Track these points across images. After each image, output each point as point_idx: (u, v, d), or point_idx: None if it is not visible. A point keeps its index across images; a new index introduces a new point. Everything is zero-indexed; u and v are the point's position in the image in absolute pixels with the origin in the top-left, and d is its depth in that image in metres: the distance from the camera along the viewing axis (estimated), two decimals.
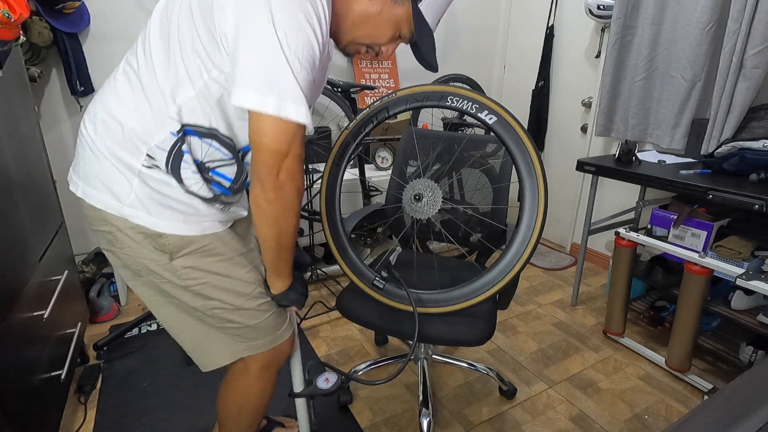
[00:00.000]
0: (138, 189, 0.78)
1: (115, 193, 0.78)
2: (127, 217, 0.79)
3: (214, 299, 0.88)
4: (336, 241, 1.27)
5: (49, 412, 1.26)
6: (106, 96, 0.80)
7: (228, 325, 0.91)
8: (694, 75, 1.90)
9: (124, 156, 0.77)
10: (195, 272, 0.84)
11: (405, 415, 1.51)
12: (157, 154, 0.77)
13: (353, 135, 1.24)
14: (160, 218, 0.80)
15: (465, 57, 2.99)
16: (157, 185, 0.79)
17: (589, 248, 2.65)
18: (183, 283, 0.85)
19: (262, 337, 0.95)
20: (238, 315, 0.90)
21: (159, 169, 0.78)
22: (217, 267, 0.86)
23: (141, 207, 0.79)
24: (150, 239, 0.81)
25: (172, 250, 0.82)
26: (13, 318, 1.09)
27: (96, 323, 2.00)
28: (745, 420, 0.55)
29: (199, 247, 0.83)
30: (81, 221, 0.84)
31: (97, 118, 0.79)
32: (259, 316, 0.93)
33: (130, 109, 0.77)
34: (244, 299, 0.90)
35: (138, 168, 0.77)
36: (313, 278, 2.39)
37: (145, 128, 0.76)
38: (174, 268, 0.83)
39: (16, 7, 1.24)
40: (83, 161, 0.81)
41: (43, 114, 1.97)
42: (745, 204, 1.43)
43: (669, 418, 1.53)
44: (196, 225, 0.83)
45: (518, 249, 1.10)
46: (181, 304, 0.89)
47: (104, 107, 0.79)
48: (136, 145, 0.77)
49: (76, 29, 1.88)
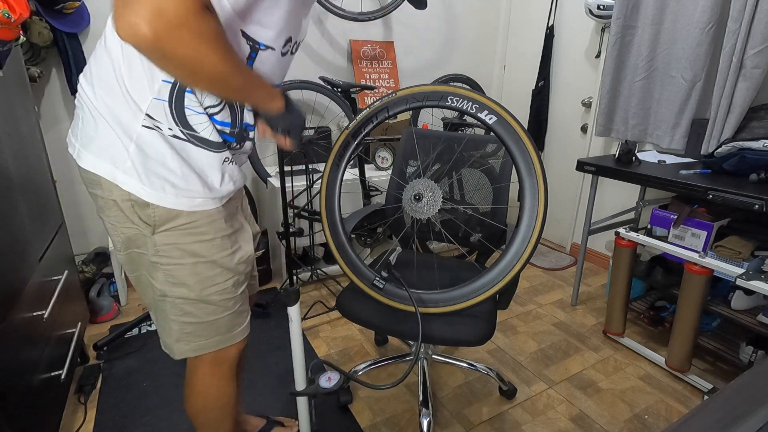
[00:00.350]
0: (134, 155, 0.76)
1: (111, 157, 0.77)
2: (119, 183, 0.77)
3: (182, 285, 0.86)
4: (336, 241, 1.27)
5: (49, 412, 1.26)
6: (99, 54, 0.77)
7: (183, 318, 0.89)
8: (694, 75, 1.90)
9: (123, 116, 0.75)
10: (174, 251, 0.83)
11: (405, 415, 1.51)
12: (158, 109, 0.75)
13: (353, 135, 1.24)
14: (152, 188, 0.78)
15: (465, 57, 2.99)
16: (153, 152, 0.77)
17: (589, 248, 2.66)
18: (158, 259, 0.83)
19: (213, 335, 0.93)
20: (197, 308, 0.89)
21: (159, 133, 0.76)
22: (198, 248, 0.84)
23: (134, 174, 0.77)
24: (137, 207, 0.79)
25: (156, 222, 0.80)
26: (13, 318, 1.09)
27: (96, 323, 2.00)
28: (745, 420, 0.55)
29: (184, 223, 0.82)
30: (81, 221, 0.84)
31: (94, 77, 0.77)
32: (218, 312, 0.91)
33: (122, 61, 0.74)
34: (211, 290, 0.88)
35: (137, 130, 0.75)
36: (313, 278, 2.39)
37: (140, 79, 0.73)
38: (154, 242, 0.82)
39: (16, 7, 1.24)
40: (81, 123, 0.79)
41: (43, 114, 1.97)
42: (745, 204, 1.43)
43: (669, 418, 1.53)
44: (187, 200, 0.81)
45: (518, 249, 1.10)
46: (150, 282, 0.87)
47: (98, 66, 0.77)
48: (135, 102, 0.74)
49: (76, 29, 1.88)
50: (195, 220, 0.83)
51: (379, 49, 2.64)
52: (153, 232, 0.81)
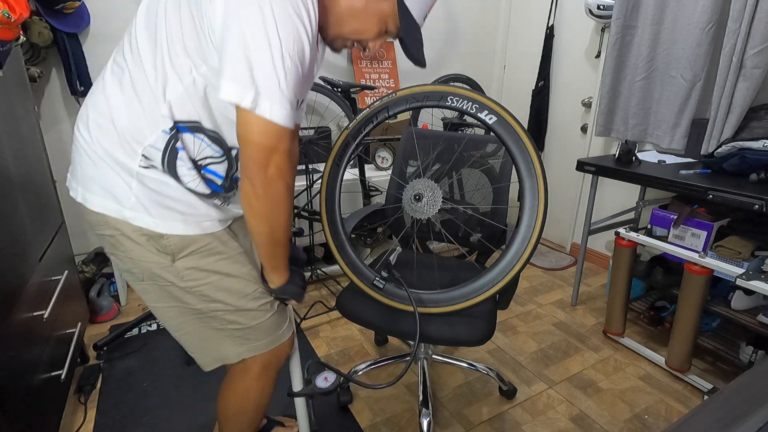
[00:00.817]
0: (137, 191, 0.78)
1: (115, 196, 0.79)
2: (129, 219, 0.79)
3: (217, 300, 0.88)
4: (336, 241, 1.27)
5: (49, 412, 1.26)
6: (96, 97, 0.79)
7: (230, 326, 0.91)
8: (694, 75, 1.90)
9: (120, 157, 0.77)
10: (197, 273, 0.85)
11: (405, 415, 1.51)
12: (153, 153, 0.77)
13: (353, 135, 1.24)
14: (161, 219, 0.80)
15: (465, 57, 2.99)
16: (155, 185, 0.79)
17: (589, 248, 2.65)
18: (185, 284, 0.85)
19: (263, 337, 0.96)
20: (239, 316, 0.91)
21: (156, 169, 0.78)
22: (219, 266, 0.87)
23: (141, 208, 0.79)
24: (152, 241, 0.81)
25: (174, 251, 0.82)
26: (13, 318, 1.09)
27: (96, 323, 2.00)
28: (745, 420, 0.55)
29: (200, 246, 0.84)
30: (81, 221, 0.84)
31: (90, 120, 0.79)
32: (260, 317, 0.93)
33: (121, 108, 0.76)
34: (245, 300, 0.90)
35: (135, 169, 0.77)
36: (313, 278, 2.39)
37: (137, 127, 0.76)
38: (177, 270, 0.83)
39: (16, 7, 1.24)
40: (80, 166, 0.81)
41: (43, 114, 1.97)
42: (745, 204, 1.43)
43: (669, 418, 1.53)
44: (196, 225, 0.83)
45: (518, 249, 1.10)
46: (183, 306, 0.88)
47: (96, 109, 0.79)
48: (131, 146, 0.77)
49: (76, 29, 1.88)
50: (208, 242, 0.85)
51: (379, 49, 2.64)
52: (173, 261, 0.83)
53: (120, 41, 0.80)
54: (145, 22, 0.76)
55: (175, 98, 0.75)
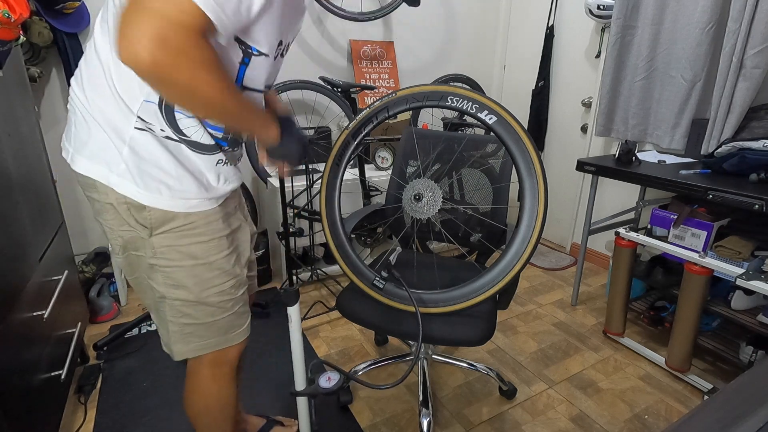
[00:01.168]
0: (128, 157, 0.76)
1: (105, 161, 0.77)
2: (114, 185, 0.77)
3: (181, 287, 0.86)
4: (336, 241, 1.27)
5: (49, 412, 1.26)
6: (89, 57, 0.77)
7: (183, 320, 0.89)
8: (694, 75, 1.90)
9: (115, 119, 0.75)
10: (172, 252, 0.83)
11: (405, 415, 1.51)
12: (149, 111, 0.74)
13: (353, 135, 1.24)
14: (147, 190, 0.78)
15: (465, 57, 2.99)
16: (147, 154, 0.76)
17: (589, 248, 2.65)
18: (157, 261, 0.83)
19: (212, 336, 0.93)
20: (196, 310, 0.89)
21: (152, 134, 0.76)
22: (195, 249, 0.84)
23: (129, 176, 0.77)
24: (133, 210, 0.79)
25: (153, 224, 0.80)
26: (13, 318, 1.09)
27: (96, 323, 2.00)
28: (745, 420, 0.55)
29: (181, 224, 0.82)
30: (81, 221, 0.84)
31: (84, 80, 0.77)
32: (217, 314, 0.91)
33: (111, 63, 0.73)
34: (209, 291, 0.88)
35: (129, 133, 0.75)
36: (313, 278, 2.39)
37: (130, 82, 0.73)
38: (151, 244, 0.81)
39: (16, 7, 1.24)
40: (75, 127, 0.79)
41: (43, 114, 1.97)
42: (745, 204, 1.43)
43: (669, 418, 1.53)
44: (183, 201, 0.81)
45: (518, 249, 1.10)
46: (148, 284, 0.87)
47: (88, 67, 0.77)
48: (126, 104, 0.74)
49: (76, 29, 1.88)
50: (192, 222, 0.83)
51: (379, 49, 2.64)
52: (150, 235, 0.81)
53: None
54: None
55: None
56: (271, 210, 2.37)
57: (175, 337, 0.91)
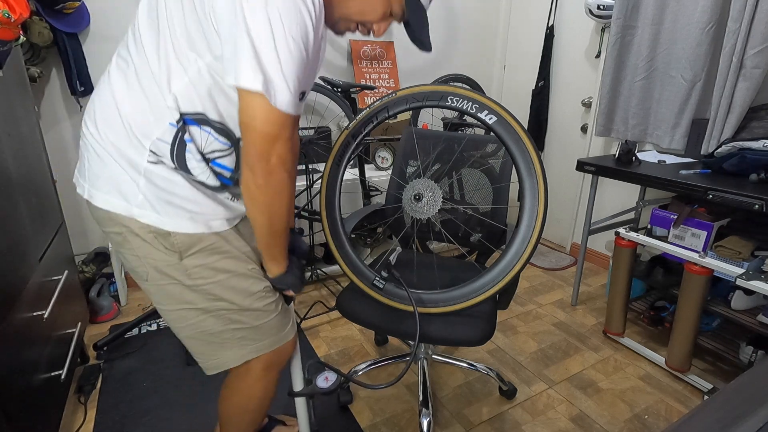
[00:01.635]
0: (145, 188, 0.78)
1: (122, 194, 0.78)
2: (137, 217, 0.79)
3: (223, 299, 0.87)
4: (336, 241, 1.27)
5: (49, 412, 1.26)
6: (102, 92, 0.79)
7: (233, 326, 0.91)
8: (694, 75, 1.90)
9: (128, 153, 0.77)
10: (205, 271, 0.84)
11: (405, 415, 1.51)
12: (161, 147, 0.77)
13: (353, 135, 1.24)
14: (168, 216, 0.80)
15: (465, 57, 2.99)
16: (163, 183, 0.78)
17: (589, 248, 2.65)
18: (193, 282, 0.84)
19: (266, 338, 0.95)
20: (244, 316, 0.90)
21: (164, 165, 0.78)
22: (226, 264, 0.86)
23: (149, 206, 0.78)
24: (160, 238, 0.80)
25: (182, 249, 0.82)
26: (13, 318, 1.09)
27: (96, 323, 2.00)
28: (745, 420, 0.55)
29: (207, 245, 0.84)
30: (81, 221, 0.85)
31: (97, 116, 0.79)
32: (264, 317, 0.93)
33: (127, 102, 0.76)
34: (251, 299, 0.90)
35: (143, 165, 0.77)
36: (313, 278, 2.39)
37: (145, 121, 0.75)
38: (184, 268, 0.83)
39: (16, 7, 1.24)
40: (88, 163, 0.81)
41: (43, 114, 1.97)
42: (745, 204, 1.43)
43: (669, 418, 1.53)
44: (203, 223, 0.83)
45: (518, 249, 1.10)
46: (188, 307, 0.88)
47: (102, 103, 0.78)
48: (139, 140, 0.76)
49: (76, 29, 1.88)
50: (215, 241, 0.85)
51: (379, 49, 2.64)
52: (181, 258, 0.82)
53: (125, 35, 0.80)
54: (147, 13, 0.75)
55: (180, 90, 0.74)
56: None
57: (230, 344, 0.92)
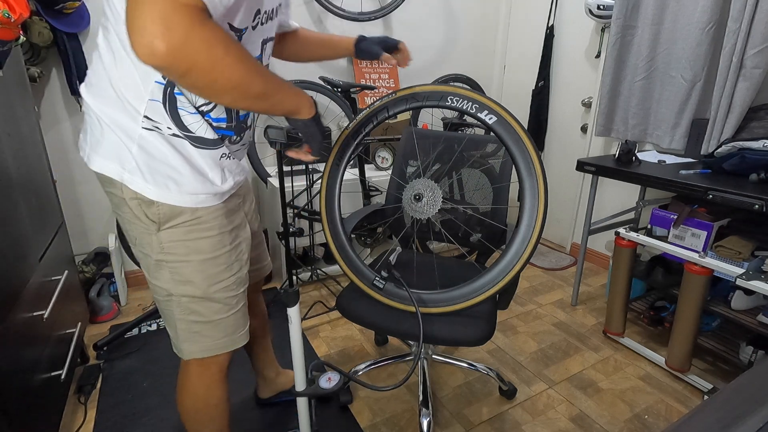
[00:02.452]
0: (137, 155, 0.79)
1: (118, 159, 0.80)
2: (126, 182, 0.80)
3: (189, 282, 0.88)
4: (336, 241, 1.27)
5: (49, 412, 1.26)
6: (94, 62, 0.81)
7: (190, 317, 0.91)
8: (694, 75, 1.90)
9: (122, 119, 0.78)
10: (179, 247, 0.85)
11: (405, 415, 1.51)
12: (155, 108, 0.77)
13: (353, 135, 1.24)
14: (156, 186, 0.81)
15: (465, 57, 2.99)
16: (155, 151, 0.79)
17: (589, 248, 2.65)
18: (164, 257, 0.85)
19: (219, 336, 0.95)
20: (203, 306, 0.91)
21: (159, 133, 0.79)
22: (202, 244, 0.87)
23: (139, 173, 0.80)
24: (144, 206, 0.82)
25: (161, 219, 0.83)
26: (13, 318, 1.09)
27: (96, 323, 2.00)
28: (745, 420, 0.55)
29: (188, 219, 0.84)
30: (81, 221, 0.85)
31: (92, 86, 0.80)
32: (223, 311, 0.93)
33: (114, 68, 0.77)
34: (216, 287, 0.91)
35: (138, 132, 0.78)
36: (313, 278, 2.39)
37: (133, 83, 0.76)
38: (159, 240, 0.84)
39: (16, 7, 1.24)
40: (90, 128, 0.83)
41: (43, 114, 1.97)
42: (745, 204, 1.43)
43: (669, 418, 1.53)
44: (190, 196, 0.83)
45: (518, 249, 1.10)
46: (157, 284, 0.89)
47: (95, 74, 0.80)
48: (132, 105, 0.77)
49: (76, 29, 1.88)
50: (198, 217, 0.85)
51: None
52: (158, 230, 0.84)
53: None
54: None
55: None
56: (271, 210, 2.37)
57: (184, 335, 0.93)
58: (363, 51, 1.09)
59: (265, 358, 1.44)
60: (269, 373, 1.47)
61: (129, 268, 2.32)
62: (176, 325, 0.93)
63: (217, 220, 0.88)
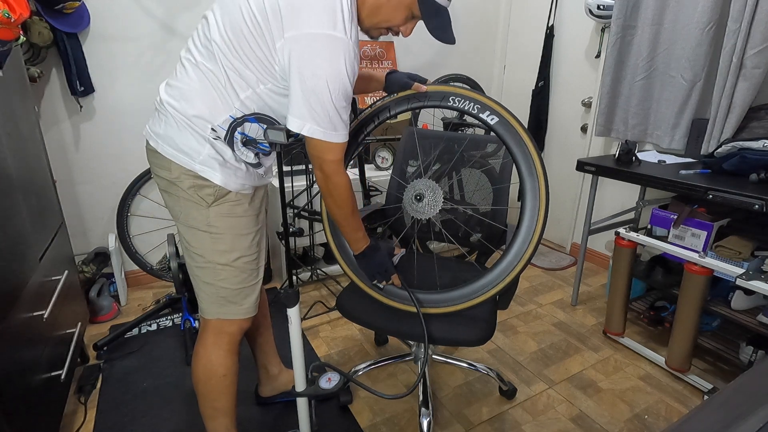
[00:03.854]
0: (208, 152, 1.00)
1: (188, 153, 1.00)
2: (198, 171, 1.00)
3: (223, 252, 1.06)
4: (336, 240, 1.27)
5: (49, 412, 1.26)
6: (188, 72, 0.98)
7: (219, 282, 1.08)
8: (694, 75, 1.90)
9: (199, 127, 0.99)
10: (223, 220, 1.05)
11: (405, 415, 1.51)
12: (219, 130, 1.00)
13: (354, 135, 1.24)
14: (214, 171, 1.01)
15: (465, 57, 2.99)
16: (220, 151, 1.01)
17: (589, 248, 2.65)
18: (208, 228, 1.04)
19: (240, 301, 1.12)
20: (230, 273, 1.08)
21: (220, 140, 1.01)
22: (241, 222, 1.08)
23: (207, 164, 1.01)
24: (197, 189, 1.01)
25: (215, 197, 1.02)
26: (13, 318, 1.09)
27: (96, 323, 2.00)
28: (745, 420, 0.55)
29: (234, 199, 1.06)
30: (81, 221, 0.85)
31: (179, 94, 0.99)
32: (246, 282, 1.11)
33: (200, 92, 0.98)
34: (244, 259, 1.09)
35: (208, 137, 1.00)
36: (313, 278, 2.39)
37: (212, 113, 0.98)
38: (208, 213, 1.03)
39: (16, 7, 1.23)
40: (165, 125, 1.01)
41: (43, 114, 1.96)
42: (745, 204, 1.43)
43: (669, 418, 1.53)
44: (238, 183, 1.05)
45: (519, 249, 1.10)
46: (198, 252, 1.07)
47: (187, 83, 0.99)
48: (207, 121, 0.98)
49: (76, 29, 1.88)
50: (241, 199, 1.07)
51: (379, 49, 2.64)
52: (209, 206, 1.03)
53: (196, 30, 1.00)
54: (222, 24, 0.93)
55: (246, 98, 0.98)
56: (271, 210, 2.37)
57: (212, 298, 1.10)
58: (393, 82, 1.21)
59: (269, 350, 1.48)
60: (272, 369, 1.49)
61: (129, 268, 2.32)
62: (205, 289, 1.10)
63: (252, 204, 1.11)
